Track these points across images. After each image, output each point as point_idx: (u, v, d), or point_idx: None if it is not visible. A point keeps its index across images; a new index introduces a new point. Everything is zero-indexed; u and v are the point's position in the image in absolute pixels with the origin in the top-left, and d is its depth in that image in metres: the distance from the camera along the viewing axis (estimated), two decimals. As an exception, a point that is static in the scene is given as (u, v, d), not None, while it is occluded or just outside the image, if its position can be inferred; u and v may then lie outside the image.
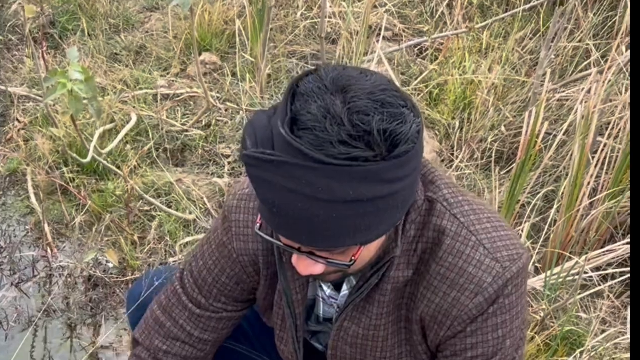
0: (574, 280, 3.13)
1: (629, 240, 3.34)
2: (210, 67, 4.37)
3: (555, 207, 3.37)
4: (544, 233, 3.34)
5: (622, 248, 3.32)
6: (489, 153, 3.83)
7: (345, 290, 1.82)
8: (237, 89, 4.12)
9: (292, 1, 4.79)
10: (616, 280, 3.26)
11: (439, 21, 4.66)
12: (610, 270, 3.29)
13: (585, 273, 3.22)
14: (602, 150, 3.39)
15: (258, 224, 1.62)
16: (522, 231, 3.18)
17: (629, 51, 3.70)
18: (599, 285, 3.23)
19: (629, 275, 3.28)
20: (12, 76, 4.35)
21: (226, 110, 4.03)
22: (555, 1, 4.54)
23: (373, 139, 1.37)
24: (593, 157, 3.35)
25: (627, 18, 3.73)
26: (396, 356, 1.82)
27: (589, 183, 3.29)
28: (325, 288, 1.86)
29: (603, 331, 3.09)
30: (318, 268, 1.57)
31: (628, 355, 2.97)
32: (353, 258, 1.54)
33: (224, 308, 1.99)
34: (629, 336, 3.04)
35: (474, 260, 1.64)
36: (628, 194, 3.37)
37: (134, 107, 3.98)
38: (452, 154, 3.86)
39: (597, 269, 3.30)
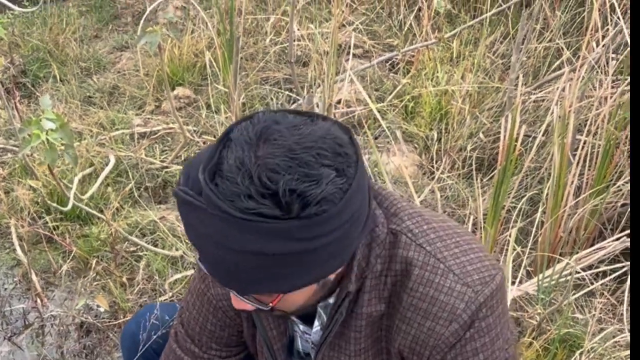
0: (566, 281, 3.13)
1: (618, 236, 3.35)
2: (184, 101, 4.36)
3: (540, 209, 3.37)
4: (532, 236, 3.34)
5: (611, 245, 3.32)
6: (469, 161, 3.82)
7: (317, 325, 1.81)
8: (212, 121, 4.11)
9: (260, 28, 4.79)
10: (609, 278, 3.26)
11: (407, 33, 4.66)
12: (602, 268, 3.29)
13: (577, 273, 3.21)
14: (582, 147, 3.38)
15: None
16: (510, 236, 3.17)
17: (599, 47, 3.71)
18: (592, 284, 3.22)
19: (621, 272, 3.29)
20: (-15, 128, 4.34)
21: (204, 143, 4.02)
22: (522, 3, 4.55)
23: (282, 198, 1.37)
24: (574, 156, 3.35)
25: (595, 14, 3.73)
26: None
27: (572, 182, 3.29)
28: (298, 323, 1.85)
29: (601, 330, 3.08)
30: (249, 305, 1.59)
31: (627, 352, 2.97)
32: (271, 304, 1.56)
33: (217, 354, 1.99)
34: (627, 333, 3.04)
35: (445, 287, 1.62)
36: (612, 189, 3.37)
37: (111, 149, 3.97)
38: (433, 166, 3.85)
39: (590, 267, 3.30)
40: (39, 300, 3.36)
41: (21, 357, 3.20)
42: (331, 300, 1.73)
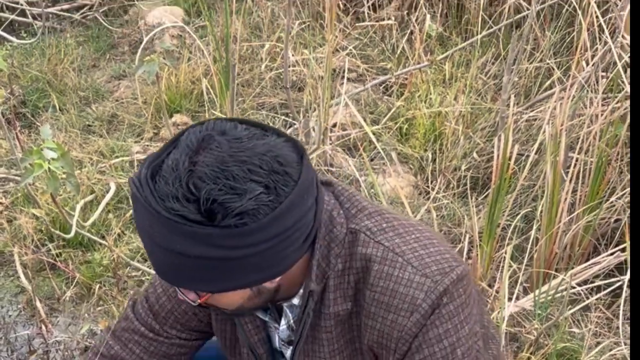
0: (562, 296, 3.18)
1: (612, 251, 3.41)
2: (183, 127, 4.41)
3: (535, 226, 3.42)
4: (528, 253, 3.39)
5: (605, 260, 3.37)
6: (464, 181, 3.89)
7: (283, 324, 1.87)
8: (211, 147, 4.17)
9: (255, 55, 4.86)
10: (604, 292, 3.32)
11: (400, 57, 4.74)
12: (597, 282, 3.34)
13: (573, 288, 3.26)
14: (575, 165, 3.44)
15: None
16: (506, 253, 3.22)
17: (589, 66, 3.79)
18: (588, 298, 3.28)
19: (616, 286, 3.34)
20: (-13, 159, 4.41)
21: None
22: (513, 24, 4.63)
23: (202, 205, 1.47)
24: (567, 173, 3.40)
25: (584, 34, 3.81)
26: None
27: (565, 199, 3.34)
28: (265, 318, 1.90)
29: (597, 343, 3.13)
30: (191, 296, 1.67)
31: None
32: (199, 301, 1.66)
33: (177, 335, 2.04)
34: (623, 347, 3.09)
35: (404, 279, 1.67)
36: (605, 205, 3.43)
37: (112, 176, 4.02)
38: (428, 186, 3.91)
39: (585, 282, 3.35)
40: (43, 327, 3.40)
41: (27, 383, 3.25)
42: (295, 301, 1.79)
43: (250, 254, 1.52)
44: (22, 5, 5.72)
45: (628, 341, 3.07)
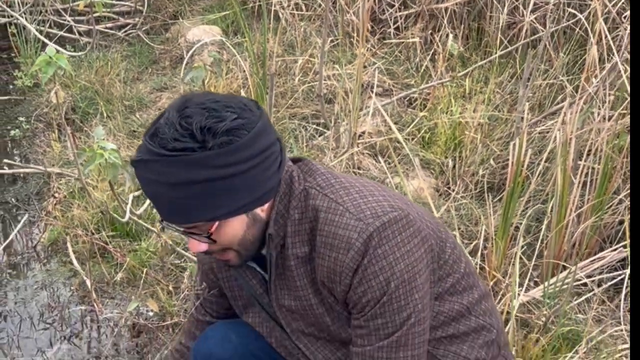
0: (569, 287, 3.44)
1: (615, 247, 3.68)
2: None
3: (544, 225, 3.71)
4: (537, 249, 3.68)
5: (609, 255, 3.65)
6: (481, 184, 4.20)
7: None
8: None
9: (288, 69, 5.21)
10: (607, 284, 3.58)
11: (424, 74, 5.08)
12: (602, 275, 3.61)
13: (579, 280, 3.54)
14: (583, 171, 3.73)
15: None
16: (517, 248, 3.51)
17: (597, 79, 4.10)
18: (592, 290, 3.55)
19: (619, 279, 3.62)
20: (42, 159, 4.77)
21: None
22: (529, 44, 4.96)
23: (195, 134, 1.89)
24: (575, 177, 3.70)
25: (594, 52, 4.14)
26: (329, 322, 2.20)
27: (574, 202, 3.63)
28: (257, 269, 2.28)
29: (599, 323, 3.39)
30: (202, 246, 2.07)
31: (625, 345, 3.28)
32: (209, 231, 2.01)
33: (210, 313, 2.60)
34: (623, 326, 3.36)
35: (342, 223, 2.03)
36: (610, 207, 3.72)
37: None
38: (449, 188, 4.24)
39: (589, 277, 3.62)
40: (95, 305, 3.73)
41: (80, 355, 3.57)
42: (264, 252, 2.17)
43: (241, 171, 1.93)
44: (69, 22, 6.12)
45: (628, 325, 3.34)
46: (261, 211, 2.06)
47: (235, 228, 2.04)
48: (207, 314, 2.55)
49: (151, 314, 3.69)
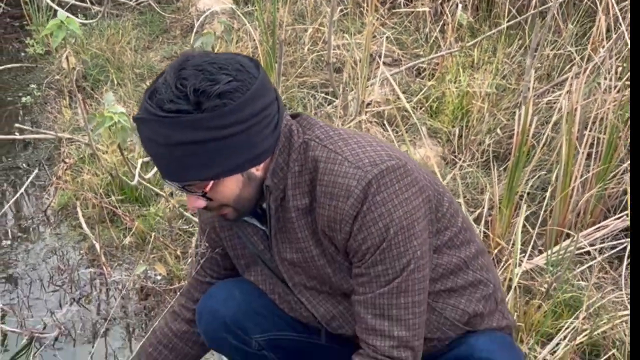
0: (572, 255, 3.48)
1: (619, 215, 3.71)
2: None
3: (549, 191, 3.74)
4: (541, 217, 3.70)
5: (613, 223, 3.68)
6: (487, 153, 4.23)
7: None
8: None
9: (298, 38, 5.24)
10: (610, 252, 3.61)
11: (433, 45, 5.10)
12: (605, 244, 3.65)
13: (582, 248, 3.57)
14: (588, 141, 3.75)
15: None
16: (521, 217, 3.53)
17: (603, 49, 4.12)
18: (595, 258, 3.58)
19: (622, 247, 3.65)
20: (53, 125, 4.82)
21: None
22: (537, 15, 4.97)
23: (190, 96, 1.93)
24: (580, 148, 3.72)
25: (602, 23, 4.16)
26: (331, 274, 2.24)
27: (579, 171, 3.65)
28: (254, 223, 2.32)
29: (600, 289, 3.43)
30: (200, 202, 2.12)
31: (625, 312, 3.32)
32: (204, 191, 2.07)
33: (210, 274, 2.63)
34: (623, 291, 3.40)
35: (341, 172, 2.07)
36: (614, 177, 3.75)
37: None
38: (455, 157, 4.27)
39: (592, 245, 3.66)
40: (104, 268, 3.79)
41: (89, 316, 3.62)
42: (265, 205, 2.21)
43: (234, 133, 1.97)
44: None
45: (628, 290, 3.37)
46: (256, 170, 2.11)
47: (231, 187, 2.09)
48: (208, 275, 2.59)
49: (159, 277, 3.73)
